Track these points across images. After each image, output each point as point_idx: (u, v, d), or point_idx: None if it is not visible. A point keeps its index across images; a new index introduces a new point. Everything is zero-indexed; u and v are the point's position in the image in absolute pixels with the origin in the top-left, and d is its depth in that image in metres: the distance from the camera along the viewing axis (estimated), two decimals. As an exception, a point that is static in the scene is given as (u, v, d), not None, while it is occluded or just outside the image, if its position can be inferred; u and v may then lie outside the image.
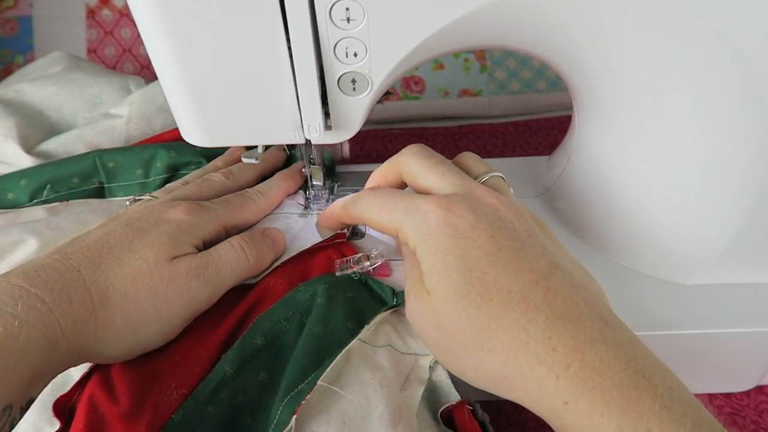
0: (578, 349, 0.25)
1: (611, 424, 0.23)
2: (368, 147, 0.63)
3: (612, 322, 0.26)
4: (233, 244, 0.36)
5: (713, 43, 0.30)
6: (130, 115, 0.48)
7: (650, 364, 0.25)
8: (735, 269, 0.38)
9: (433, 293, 0.28)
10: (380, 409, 0.31)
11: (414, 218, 0.30)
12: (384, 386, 0.32)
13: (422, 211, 0.30)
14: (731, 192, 0.35)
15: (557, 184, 0.44)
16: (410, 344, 0.35)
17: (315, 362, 0.31)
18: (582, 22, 0.32)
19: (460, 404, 0.33)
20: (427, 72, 0.69)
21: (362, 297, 0.35)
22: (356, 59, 0.32)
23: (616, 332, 0.26)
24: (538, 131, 0.65)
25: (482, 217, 0.29)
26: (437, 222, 0.29)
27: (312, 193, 0.44)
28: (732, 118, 0.32)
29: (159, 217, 0.35)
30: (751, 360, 0.38)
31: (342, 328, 0.33)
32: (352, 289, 0.36)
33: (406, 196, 0.32)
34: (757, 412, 0.39)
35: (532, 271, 0.27)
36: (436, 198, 0.30)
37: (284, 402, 0.29)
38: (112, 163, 0.44)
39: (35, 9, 0.71)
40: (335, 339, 0.32)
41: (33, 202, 0.42)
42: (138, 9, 0.30)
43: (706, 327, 0.36)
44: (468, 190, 0.31)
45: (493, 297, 0.26)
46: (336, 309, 0.34)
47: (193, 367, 0.32)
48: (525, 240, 0.29)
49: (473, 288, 0.27)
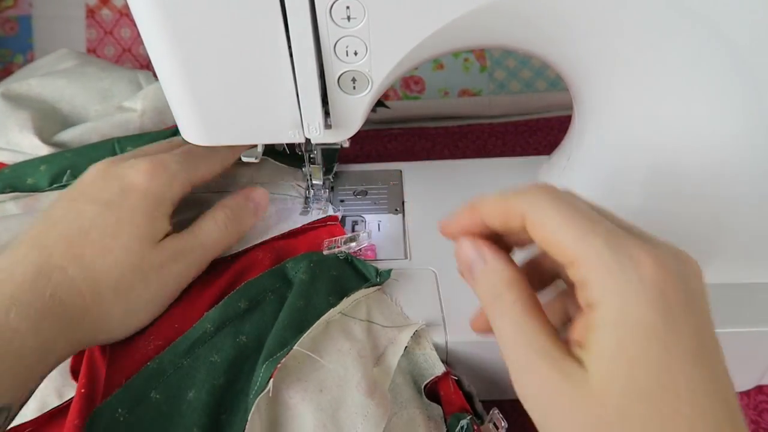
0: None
1: None
2: (368, 147, 0.63)
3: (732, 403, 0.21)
4: (217, 221, 0.36)
5: (713, 43, 0.30)
6: (144, 109, 0.48)
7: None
8: (735, 269, 0.38)
9: (599, 374, 0.21)
10: (357, 377, 0.31)
11: (622, 262, 0.21)
12: (362, 356, 0.32)
13: (633, 257, 0.21)
14: (734, 192, 0.35)
15: (557, 184, 0.44)
16: (391, 319, 0.35)
17: (295, 333, 0.32)
18: (582, 21, 0.32)
19: (444, 375, 0.34)
20: (427, 72, 0.69)
21: (347, 275, 0.37)
22: (356, 58, 0.32)
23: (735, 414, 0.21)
24: (538, 131, 0.65)
25: (693, 299, 0.22)
26: (654, 286, 0.21)
27: (312, 193, 0.44)
28: (731, 116, 0.32)
29: (122, 183, 0.33)
30: (751, 360, 0.38)
31: (324, 302, 0.34)
32: (337, 267, 0.37)
33: (606, 225, 0.23)
34: (757, 412, 0.39)
35: (722, 386, 0.21)
36: (650, 247, 0.22)
37: (263, 368, 0.30)
38: (130, 148, 0.44)
39: (35, 9, 0.71)
40: (316, 312, 0.33)
41: (52, 187, 0.43)
42: (138, 8, 0.30)
43: (707, 326, 0.36)
44: (672, 251, 0.23)
45: (683, 411, 0.20)
46: (319, 285, 0.35)
47: (173, 322, 0.34)
48: (713, 341, 0.22)
49: (666, 393, 0.20)
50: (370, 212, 0.45)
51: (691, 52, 0.31)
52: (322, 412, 0.29)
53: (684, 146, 0.35)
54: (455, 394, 0.33)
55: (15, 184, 0.43)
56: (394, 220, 0.44)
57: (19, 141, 0.45)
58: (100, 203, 0.32)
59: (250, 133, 0.36)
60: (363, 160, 0.50)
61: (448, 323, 0.35)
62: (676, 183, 0.36)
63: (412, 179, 0.48)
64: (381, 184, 0.47)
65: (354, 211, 0.45)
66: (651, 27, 0.31)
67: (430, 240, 0.42)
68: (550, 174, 0.46)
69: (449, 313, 0.36)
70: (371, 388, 0.31)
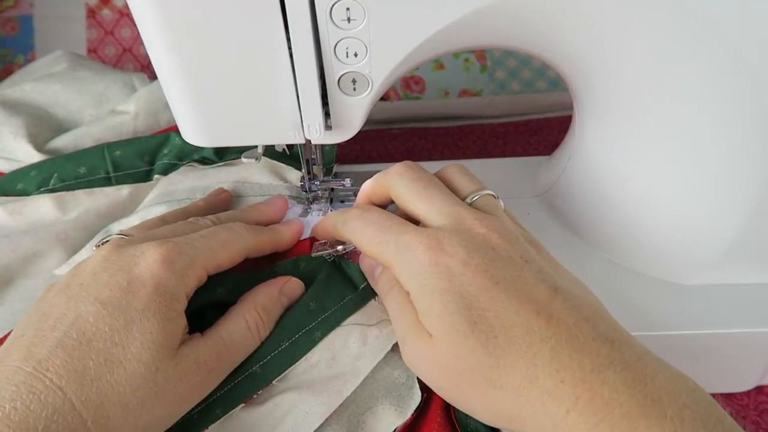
0: (585, 378, 0.24)
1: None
2: (368, 147, 0.63)
3: (617, 340, 0.26)
4: (249, 325, 0.31)
5: (715, 45, 0.30)
6: (137, 111, 0.48)
7: (660, 384, 0.24)
8: (735, 269, 0.38)
9: (436, 335, 0.27)
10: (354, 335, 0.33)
11: (405, 258, 0.29)
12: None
13: (412, 249, 0.28)
14: (732, 192, 0.35)
15: (557, 184, 0.44)
16: (376, 316, 0.34)
17: (274, 342, 0.32)
18: (583, 22, 0.32)
19: None
20: (427, 72, 0.69)
21: (332, 278, 0.35)
22: (356, 59, 0.32)
23: (623, 351, 0.25)
24: (538, 131, 0.65)
25: (474, 252, 0.28)
26: (429, 262, 0.28)
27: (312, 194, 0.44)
28: (733, 119, 0.32)
29: (130, 277, 0.28)
30: (751, 360, 0.38)
31: (303, 306, 0.33)
32: (323, 269, 0.36)
33: (394, 228, 0.30)
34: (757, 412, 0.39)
35: (532, 301, 0.26)
36: (426, 235, 0.29)
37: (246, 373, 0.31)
38: (119, 151, 0.44)
39: (36, 9, 0.71)
40: (294, 317, 0.33)
41: (39, 191, 0.43)
42: (138, 8, 0.30)
43: (707, 327, 0.36)
44: (457, 221, 0.29)
45: (497, 334, 0.26)
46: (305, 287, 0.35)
47: None
48: (522, 268, 0.28)
49: (476, 326, 0.26)
50: (371, 212, 0.45)
51: (691, 52, 0.31)
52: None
53: (684, 146, 0.35)
54: None
55: (6, 190, 0.43)
56: (395, 220, 0.44)
57: (14, 148, 0.45)
58: (104, 303, 0.27)
59: (250, 134, 0.36)
60: (363, 161, 0.51)
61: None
62: (676, 182, 0.36)
63: (413, 179, 0.48)
64: (381, 184, 0.47)
65: (354, 212, 0.45)
66: (651, 27, 0.31)
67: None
68: (550, 174, 0.46)
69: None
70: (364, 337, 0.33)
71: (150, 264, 0.29)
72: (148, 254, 0.29)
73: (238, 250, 0.33)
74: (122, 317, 0.27)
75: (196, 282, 0.31)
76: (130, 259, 0.29)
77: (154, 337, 0.27)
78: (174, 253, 0.30)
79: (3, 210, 0.43)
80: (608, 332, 0.26)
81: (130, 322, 0.27)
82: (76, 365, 0.25)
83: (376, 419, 0.31)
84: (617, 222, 0.40)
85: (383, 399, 0.31)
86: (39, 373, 0.25)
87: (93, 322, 0.27)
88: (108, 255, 0.30)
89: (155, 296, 0.28)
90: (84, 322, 0.27)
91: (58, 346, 0.26)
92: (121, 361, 0.26)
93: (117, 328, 0.27)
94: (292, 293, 0.34)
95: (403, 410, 0.31)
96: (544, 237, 0.42)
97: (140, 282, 0.28)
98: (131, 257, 0.29)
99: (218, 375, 0.30)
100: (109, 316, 0.27)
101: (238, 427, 0.30)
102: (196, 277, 0.30)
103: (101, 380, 0.26)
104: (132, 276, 0.28)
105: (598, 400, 0.24)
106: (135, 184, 0.45)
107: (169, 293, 0.29)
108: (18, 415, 0.23)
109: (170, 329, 0.28)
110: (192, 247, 0.31)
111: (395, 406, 0.31)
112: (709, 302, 0.37)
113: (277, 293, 0.33)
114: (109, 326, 0.27)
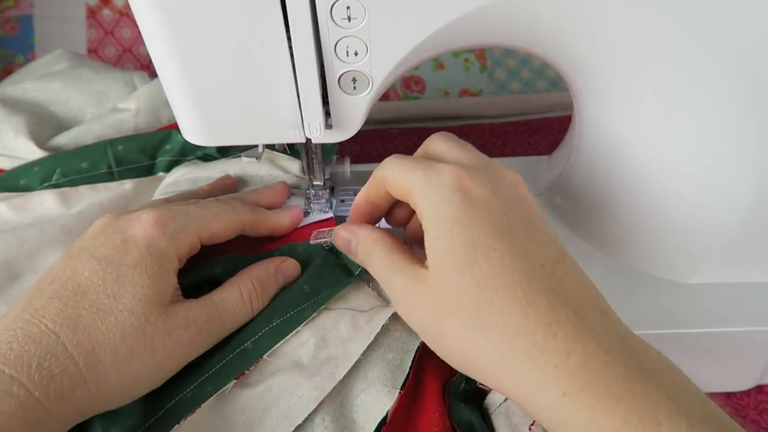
0: (580, 338, 0.24)
1: (617, 416, 0.22)
2: (368, 147, 0.63)
3: (613, 317, 0.26)
4: (243, 294, 0.32)
5: (715, 44, 0.30)
6: (139, 108, 0.48)
7: (654, 357, 0.24)
8: (736, 268, 0.38)
9: (434, 267, 0.27)
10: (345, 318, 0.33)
11: (429, 179, 0.28)
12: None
13: (440, 173, 0.28)
14: (733, 191, 0.35)
15: (557, 184, 0.44)
16: (369, 303, 0.35)
17: (266, 320, 0.32)
18: (583, 21, 0.32)
19: None
20: (427, 72, 0.69)
21: (328, 264, 0.36)
22: (357, 58, 0.32)
23: (618, 326, 0.25)
24: (538, 131, 0.65)
25: (499, 193, 0.27)
26: (453, 186, 0.27)
27: (312, 193, 0.44)
28: (734, 116, 0.32)
29: (125, 236, 0.30)
30: (751, 359, 0.38)
31: (297, 288, 0.34)
32: (320, 256, 0.37)
33: (426, 161, 0.29)
34: (757, 411, 0.39)
35: (541, 254, 0.26)
36: (457, 166, 0.28)
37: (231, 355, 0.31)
38: (121, 147, 0.45)
39: (36, 9, 0.71)
40: (288, 298, 0.33)
41: (43, 186, 0.43)
42: (138, 8, 0.30)
43: (707, 326, 0.36)
44: (486, 164, 0.29)
45: (496, 275, 0.25)
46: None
47: None
48: (538, 224, 0.28)
49: (476, 264, 0.25)
50: (371, 212, 0.45)
51: (690, 52, 0.31)
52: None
53: (684, 146, 0.35)
54: None
55: (9, 186, 0.43)
56: (395, 219, 0.44)
57: (16, 146, 0.46)
58: (99, 259, 0.29)
59: (250, 133, 0.36)
60: (363, 160, 0.51)
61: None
62: (676, 182, 0.36)
63: (413, 179, 0.48)
64: (381, 184, 0.48)
65: (354, 211, 0.45)
66: (651, 27, 0.31)
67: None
68: (550, 174, 0.46)
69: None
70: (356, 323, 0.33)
71: (143, 225, 0.30)
72: (142, 218, 0.31)
73: (231, 221, 0.34)
74: (115, 272, 0.29)
75: (187, 246, 0.32)
76: (126, 222, 0.31)
77: (144, 290, 0.29)
78: (167, 218, 0.31)
79: (6, 206, 0.43)
80: (605, 308, 0.26)
81: (122, 276, 0.29)
82: (70, 313, 0.27)
83: (370, 401, 0.30)
84: (618, 221, 0.40)
85: (377, 381, 0.31)
86: (35, 320, 0.27)
87: (87, 276, 0.28)
88: (107, 221, 0.32)
89: (147, 254, 0.30)
90: (79, 276, 0.28)
91: (54, 297, 0.27)
92: (113, 311, 0.28)
93: (109, 281, 0.28)
94: (287, 272, 0.35)
95: (397, 391, 0.31)
96: (544, 236, 0.42)
97: (133, 241, 0.30)
98: (127, 221, 0.31)
99: (207, 337, 0.31)
100: (103, 270, 0.29)
101: (230, 409, 0.31)
102: (187, 241, 0.32)
103: (93, 327, 0.27)
104: (126, 236, 0.30)
105: (591, 360, 0.23)
106: (137, 178, 0.45)
107: (160, 253, 0.30)
108: (14, 354, 0.25)
109: (160, 285, 0.29)
110: (185, 214, 0.32)
111: (389, 388, 0.30)
112: (709, 301, 0.37)
113: (273, 270, 0.34)
114: (102, 279, 0.28)
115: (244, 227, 0.36)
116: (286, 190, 0.42)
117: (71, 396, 0.26)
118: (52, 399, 0.25)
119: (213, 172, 0.44)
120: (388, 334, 0.33)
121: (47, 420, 0.25)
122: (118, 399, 0.28)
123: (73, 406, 0.26)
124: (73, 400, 0.26)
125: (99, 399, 0.27)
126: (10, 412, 0.24)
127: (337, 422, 0.30)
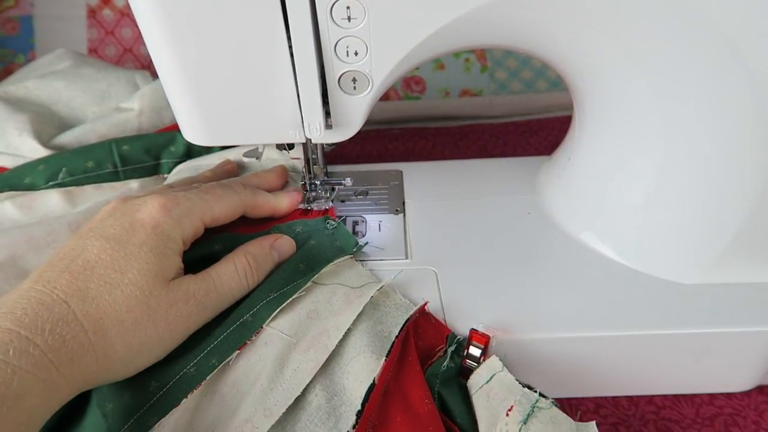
0: None
1: None
2: (368, 147, 0.63)
3: None
4: (237, 269, 0.34)
5: (715, 44, 0.30)
6: (142, 108, 0.49)
7: None
8: (735, 269, 0.38)
9: None
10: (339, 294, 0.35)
11: None
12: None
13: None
14: (732, 191, 0.35)
15: (557, 184, 0.44)
16: (361, 280, 0.36)
17: (263, 293, 0.34)
18: (583, 21, 0.32)
19: (422, 309, 0.35)
20: (427, 72, 0.69)
21: (323, 243, 0.38)
22: (357, 58, 0.32)
23: None
24: (539, 131, 0.65)
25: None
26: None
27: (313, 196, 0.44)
28: (733, 118, 0.32)
29: (132, 219, 0.33)
30: (751, 360, 0.38)
31: (293, 265, 0.36)
32: (317, 236, 0.39)
33: None
34: (757, 412, 0.39)
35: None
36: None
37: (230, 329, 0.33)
38: (126, 146, 0.45)
39: (36, 8, 0.71)
40: (284, 274, 0.35)
41: (48, 185, 0.43)
42: (139, 8, 0.30)
43: (707, 327, 0.36)
44: None
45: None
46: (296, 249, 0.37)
47: None
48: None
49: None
50: (371, 212, 0.45)
51: (690, 52, 0.31)
52: None
53: (683, 145, 0.35)
54: (437, 324, 0.35)
55: (14, 184, 0.43)
56: (395, 220, 0.44)
57: (19, 144, 0.46)
58: (107, 238, 0.31)
59: (250, 132, 0.36)
60: (363, 160, 0.51)
61: (448, 323, 0.35)
62: (675, 183, 0.36)
63: (413, 179, 0.48)
64: (382, 184, 0.48)
65: (355, 211, 0.45)
66: (651, 27, 0.31)
67: (431, 240, 0.42)
68: (550, 174, 0.46)
69: (450, 312, 0.36)
70: (349, 299, 0.34)
71: (150, 210, 0.33)
72: (149, 202, 0.33)
73: (233, 204, 0.37)
74: (122, 250, 0.31)
75: (192, 230, 0.34)
76: (133, 206, 0.33)
77: (149, 267, 0.31)
78: (172, 203, 0.34)
79: (11, 204, 0.43)
80: None
81: (129, 254, 0.31)
82: (80, 285, 0.29)
83: (360, 367, 0.31)
84: (617, 221, 0.40)
85: (365, 349, 0.32)
86: (47, 290, 0.29)
87: (96, 253, 0.31)
88: (115, 204, 0.34)
89: (153, 235, 0.32)
90: (89, 254, 0.31)
91: (65, 271, 0.30)
92: (119, 284, 0.30)
93: (117, 258, 0.31)
94: (282, 248, 0.37)
95: (383, 359, 0.32)
96: (544, 236, 0.42)
97: (140, 223, 0.32)
98: (134, 205, 0.33)
99: (205, 310, 0.33)
100: (111, 248, 0.31)
101: (221, 383, 0.32)
102: (191, 224, 0.34)
103: (101, 299, 0.29)
104: (134, 219, 0.33)
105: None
106: (142, 178, 0.46)
107: (165, 234, 0.32)
108: (28, 319, 0.27)
109: (165, 263, 0.32)
110: (189, 199, 0.35)
111: (376, 356, 0.32)
112: (708, 301, 0.37)
113: (268, 246, 0.36)
114: (110, 256, 0.31)
115: (245, 209, 0.38)
116: (285, 174, 0.44)
117: (80, 362, 0.28)
118: (64, 362, 0.27)
119: (213, 159, 0.46)
120: (379, 309, 0.35)
121: (58, 381, 0.27)
122: (122, 370, 0.30)
123: (82, 372, 0.28)
124: (81, 366, 0.28)
125: (104, 367, 0.29)
126: (26, 369, 0.26)
127: (328, 389, 0.31)
